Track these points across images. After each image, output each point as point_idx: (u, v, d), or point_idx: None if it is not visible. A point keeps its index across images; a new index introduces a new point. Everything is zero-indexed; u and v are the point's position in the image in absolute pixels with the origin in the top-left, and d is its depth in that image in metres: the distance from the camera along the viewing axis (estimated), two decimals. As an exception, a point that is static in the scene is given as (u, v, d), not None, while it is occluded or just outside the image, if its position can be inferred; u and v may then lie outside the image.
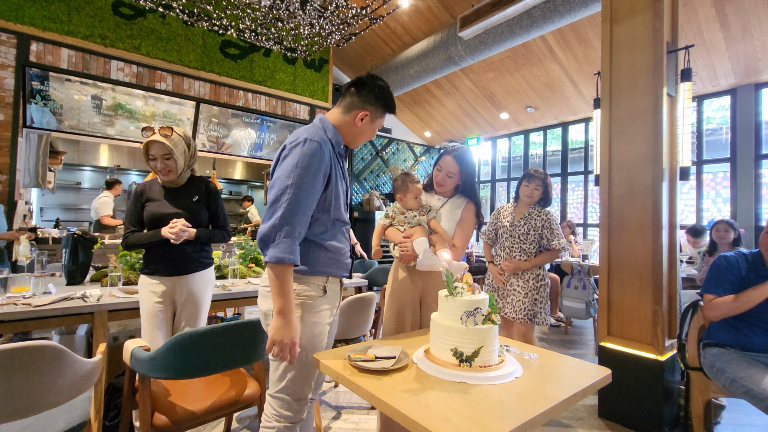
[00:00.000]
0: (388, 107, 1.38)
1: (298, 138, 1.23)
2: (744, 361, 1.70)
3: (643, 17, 2.28)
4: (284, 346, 1.13)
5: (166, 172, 1.83)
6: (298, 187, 1.16)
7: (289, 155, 1.20)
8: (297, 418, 1.25)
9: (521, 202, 2.52)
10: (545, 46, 5.19)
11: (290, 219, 1.14)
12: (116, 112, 4.40)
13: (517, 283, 2.42)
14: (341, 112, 1.36)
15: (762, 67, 4.44)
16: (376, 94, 1.34)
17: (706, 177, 5.32)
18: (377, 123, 1.40)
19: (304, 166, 1.18)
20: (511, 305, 2.42)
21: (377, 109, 1.36)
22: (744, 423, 2.30)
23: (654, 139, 2.23)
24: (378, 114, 1.37)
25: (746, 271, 1.77)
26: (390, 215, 1.81)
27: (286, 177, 1.17)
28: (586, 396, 1.03)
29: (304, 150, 1.19)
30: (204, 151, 5.14)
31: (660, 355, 2.15)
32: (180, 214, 1.86)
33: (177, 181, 1.91)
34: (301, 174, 1.17)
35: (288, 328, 1.13)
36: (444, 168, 1.75)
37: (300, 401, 1.25)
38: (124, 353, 1.45)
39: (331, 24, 4.08)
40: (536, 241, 2.42)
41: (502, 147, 7.99)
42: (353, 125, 1.35)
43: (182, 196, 1.91)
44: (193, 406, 1.47)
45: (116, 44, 4.32)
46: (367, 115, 1.34)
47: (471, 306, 1.09)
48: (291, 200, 1.15)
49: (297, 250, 1.15)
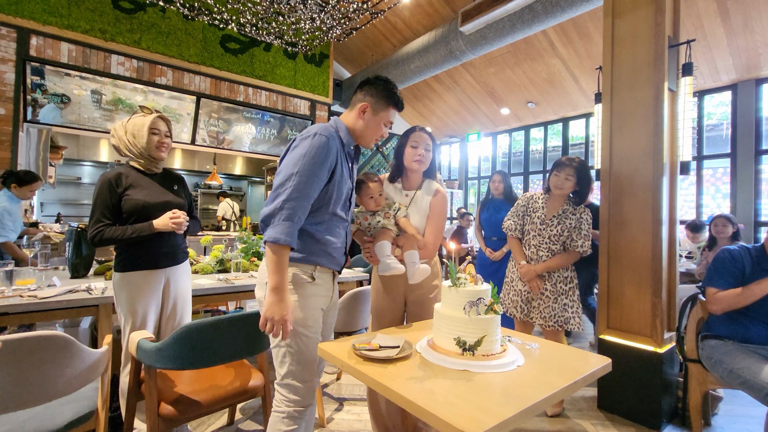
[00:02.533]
0: (390, 98, 1.40)
1: (309, 131, 1.29)
2: (742, 353, 1.72)
3: (645, 11, 2.28)
4: (276, 323, 1.18)
5: (166, 148, 1.83)
6: (303, 175, 1.22)
7: (299, 146, 1.27)
8: (305, 402, 1.30)
9: (552, 195, 2.28)
10: (546, 41, 5.18)
11: (292, 203, 1.20)
12: (116, 107, 4.40)
13: (544, 286, 2.24)
14: (349, 110, 1.43)
15: (763, 62, 4.44)
16: (376, 87, 1.39)
17: (706, 173, 5.33)
18: (381, 116, 1.41)
19: (311, 156, 1.24)
20: (538, 310, 2.24)
21: (378, 101, 1.39)
22: (741, 414, 2.33)
23: (655, 134, 2.24)
24: (380, 106, 1.39)
25: (750, 265, 1.78)
26: (356, 221, 1.66)
27: (293, 165, 1.23)
28: (587, 383, 1.05)
29: (313, 142, 1.25)
30: (204, 146, 5.14)
31: (659, 347, 2.18)
32: (174, 202, 1.81)
33: (156, 168, 1.85)
34: (307, 163, 1.23)
35: (281, 304, 1.18)
36: (420, 142, 1.63)
37: (305, 384, 1.30)
38: (130, 345, 1.47)
39: (332, 18, 4.08)
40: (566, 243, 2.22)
41: (502, 143, 7.99)
42: (358, 119, 1.40)
43: (166, 184, 1.86)
44: (198, 397, 1.50)
45: (116, 38, 4.30)
46: (368, 106, 1.38)
47: (474, 296, 1.11)
48: (295, 186, 1.21)
49: (295, 233, 1.21)
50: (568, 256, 2.22)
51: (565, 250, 2.25)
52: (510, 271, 2.45)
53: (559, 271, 2.25)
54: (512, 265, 2.44)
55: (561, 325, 2.20)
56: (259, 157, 5.83)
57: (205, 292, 2.18)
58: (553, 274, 2.25)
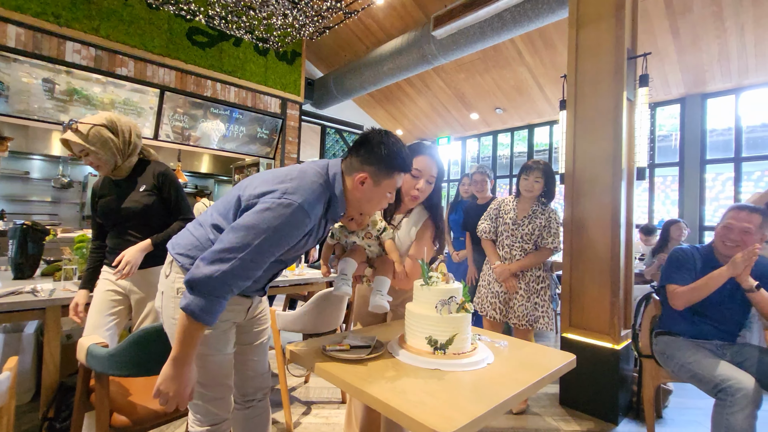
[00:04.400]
0: (395, 162, 1.14)
1: (292, 194, 1.03)
2: (692, 348, 1.84)
3: (607, 24, 2.40)
4: (170, 399, 1.01)
5: (95, 167, 1.67)
6: (260, 253, 1.01)
7: (271, 210, 1.01)
8: (219, 418, 1.19)
9: (523, 197, 2.38)
10: (514, 49, 5.35)
11: (233, 280, 0.99)
12: (71, 98, 4.11)
13: (518, 285, 2.30)
14: (346, 170, 1.17)
15: (708, 78, 4.80)
16: (376, 153, 1.13)
17: (657, 180, 5.69)
18: (385, 185, 1.16)
19: (280, 234, 1.02)
20: (513, 310, 2.29)
21: (379, 169, 1.13)
22: (689, 406, 2.49)
23: (614, 140, 2.35)
24: (382, 175, 1.14)
25: (700, 262, 1.90)
26: (336, 237, 1.47)
27: (254, 234, 0.99)
28: (554, 379, 1.08)
29: (290, 217, 1.02)
30: (168, 142, 4.91)
31: (616, 344, 2.29)
32: (129, 209, 1.70)
33: (119, 173, 1.72)
34: (271, 239, 1.01)
35: (178, 380, 1.01)
36: (424, 171, 1.42)
37: (216, 401, 1.17)
38: (79, 350, 1.36)
39: (305, 15, 4.02)
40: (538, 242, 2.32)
41: (471, 147, 8.18)
42: (355, 189, 1.15)
43: (129, 189, 1.73)
44: (155, 405, 1.41)
45: (72, 24, 4.02)
46: (367, 178, 1.13)
47: (446, 295, 1.11)
48: (245, 262, 0.99)
49: (219, 314, 1.02)
50: (541, 254, 2.31)
51: (537, 249, 2.33)
52: (486, 273, 2.49)
53: (532, 271, 2.31)
54: (488, 268, 2.48)
55: (531, 324, 2.26)
56: (227, 155, 5.64)
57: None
58: (526, 273, 2.30)
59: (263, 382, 1.40)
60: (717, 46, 4.31)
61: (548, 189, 2.35)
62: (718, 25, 4.10)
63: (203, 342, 1.11)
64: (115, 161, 1.68)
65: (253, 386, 1.37)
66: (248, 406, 1.37)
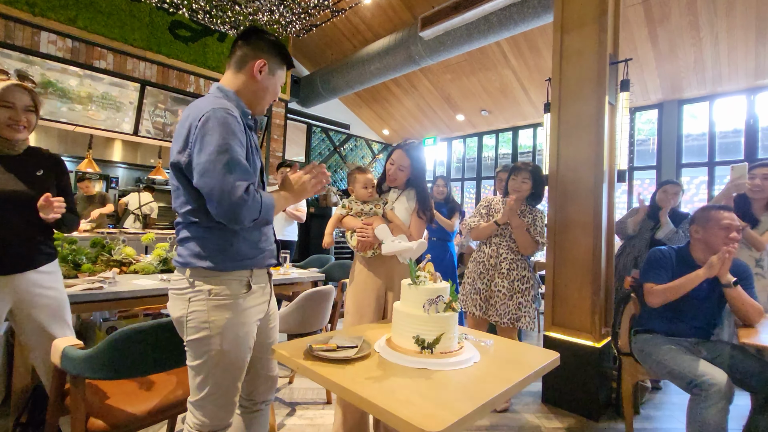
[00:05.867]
0: (285, 57, 1.23)
1: (201, 112, 1.05)
2: (668, 345, 1.89)
3: (590, 29, 2.46)
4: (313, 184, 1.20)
5: (22, 128, 1.48)
6: (229, 143, 1.03)
7: (201, 127, 1.03)
8: (223, 424, 1.17)
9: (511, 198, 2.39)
10: (500, 52, 5.42)
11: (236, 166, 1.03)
12: (46, 90, 3.96)
13: (502, 284, 2.34)
14: (234, 71, 1.19)
15: (684, 85, 4.97)
16: (267, 42, 1.19)
17: (635, 183, 5.86)
18: (278, 77, 1.23)
19: (223, 126, 1.03)
20: (494, 308, 2.33)
21: (274, 57, 1.20)
22: (666, 402, 2.57)
23: (597, 143, 2.41)
24: (276, 64, 1.21)
25: (676, 263, 1.97)
26: (347, 206, 1.86)
27: (210, 138, 1.02)
28: (539, 377, 1.09)
29: (218, 119, 1.03)
30: (149, 137, 4.78)
31: (597, 342, 2.34)
32: (22, 192, 1.46)
33: (15, 148, 1.51)
34: (224, 133, 1.03)
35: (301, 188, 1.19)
36: (396, 161, 1.83)
37: (225, 407, 1.16)
38: (53, 352, 1.31)
39: (292, 12, 3.97)
40: None
41: (457, 148, 8.24)
42: (252, 81, 1.18)
43: (22, 168, 1.51)
44: (133, 408, 1.37)
45: (47, 14, 3.87)
46: (265, 64, 1.18)
47: (433, 294, 1.11)
48: (230, 152, 1.02)
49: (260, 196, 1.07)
50: (532, 240, 2.31)
51: None
52: (471, 270, 2.52)
53: (518, 270, 2.34)
54: (472, 265, 2.51)
55: (513, 322, 2.29)
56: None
57: (145, 294, 2.01)
58: (512, 272, 2.34)
59: (273, 384, 1.38)
60: (693, 54, 4.47)
61: (536, 191, 2.39)
62: (693, 35, 4.24)
63: (231, 341, 1.13)
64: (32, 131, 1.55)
65: (265, 387, 1.34)
66: (255, 410, 1.34)
